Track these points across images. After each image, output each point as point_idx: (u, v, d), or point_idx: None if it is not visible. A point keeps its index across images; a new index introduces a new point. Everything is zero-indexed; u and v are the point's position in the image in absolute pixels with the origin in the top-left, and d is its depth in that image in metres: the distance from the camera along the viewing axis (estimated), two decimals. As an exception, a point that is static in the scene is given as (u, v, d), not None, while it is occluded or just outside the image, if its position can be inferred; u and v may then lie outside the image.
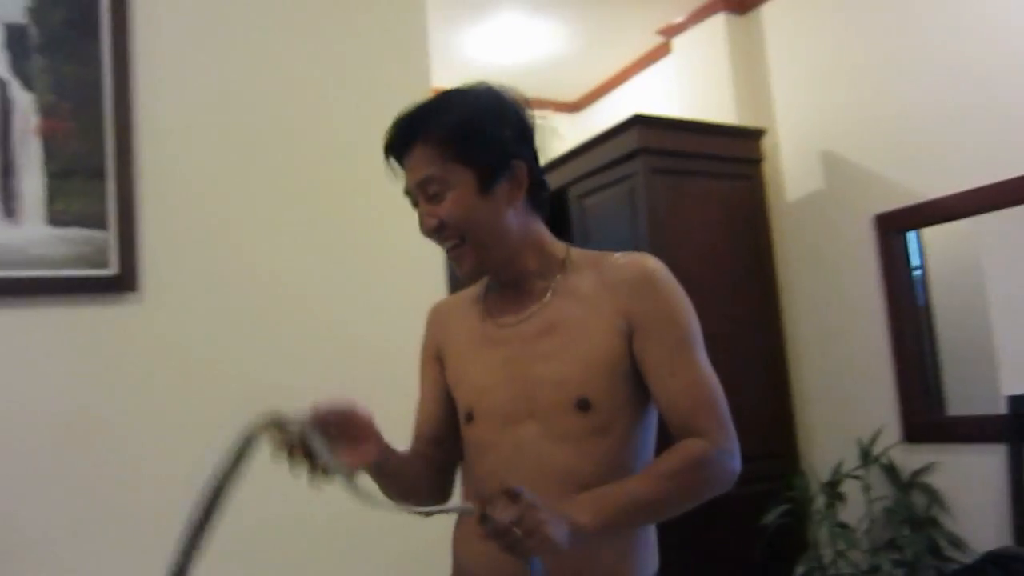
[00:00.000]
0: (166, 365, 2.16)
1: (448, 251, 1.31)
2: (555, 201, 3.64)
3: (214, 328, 2.23)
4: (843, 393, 3.22)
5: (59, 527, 1.97)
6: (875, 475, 2.92)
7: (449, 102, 1.29)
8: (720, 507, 2.88)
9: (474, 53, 3.96)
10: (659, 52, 4.06)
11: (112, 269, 2.13)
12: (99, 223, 2.14)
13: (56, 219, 2.09)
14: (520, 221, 1.31)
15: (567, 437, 1.25)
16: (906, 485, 2.85)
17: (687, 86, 3.81)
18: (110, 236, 2.13)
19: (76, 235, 2.11)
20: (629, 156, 3.16)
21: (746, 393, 3.15)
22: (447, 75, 4.05)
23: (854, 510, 2.92)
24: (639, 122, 3.16)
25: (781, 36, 3.51)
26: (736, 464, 1.25)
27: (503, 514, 1.04)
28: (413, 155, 1.28)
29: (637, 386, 1.27)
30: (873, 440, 2.90)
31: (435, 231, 1.29)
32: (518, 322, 1.32)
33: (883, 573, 2.74)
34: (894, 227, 3.01)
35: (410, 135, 1.28)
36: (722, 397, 1.26)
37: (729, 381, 1.29)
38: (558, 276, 1.33)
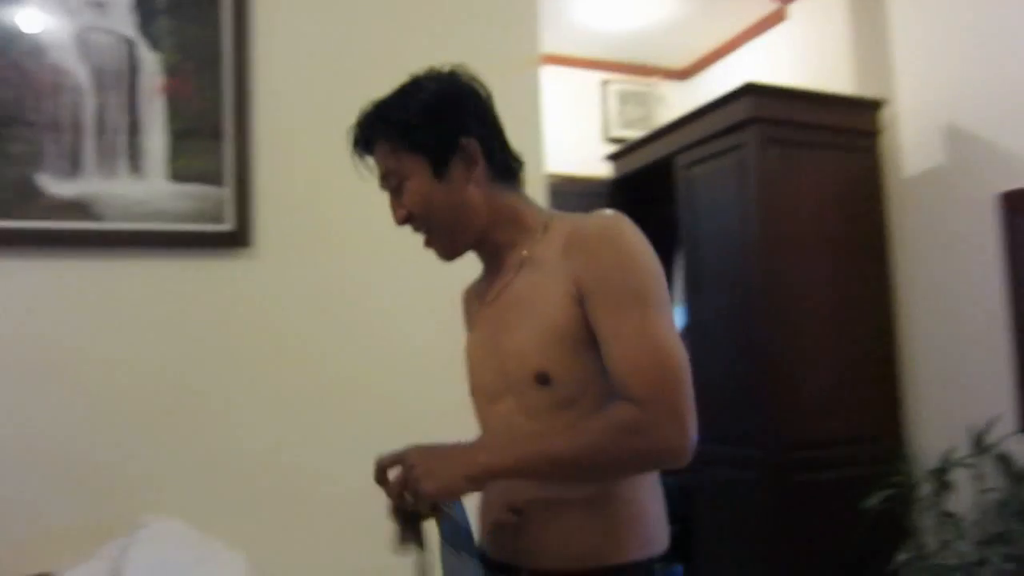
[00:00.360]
0: (277, 318, 2.26)
1: (424, 241, 1.34)
2: (660, 170, 3.63)
3: (323, 283, 2.32)
4: (956, 378, 3.09)
5: (171, 470, 2.09)
6: (987, 465, 2.80)
7: (395, 95, 1.32)
8: (820, 488, 2.88)
9: (584, 19, 3.91)
10: (773, 19, 3.92)
11: (228, 224, 2.23)
12: (216, 180, 2.22)
13: (177, 175, 2.19)
14: (485, 196, 1.30)
15: (536, 412, 1.23)
16: (1020, 477, 2.73)
17: (802, 54, 3.68)
18: (226, 193, 2.22)
19: (195, 191, 2.21)
20: (740, 125, 3.08)
21: (852, 373, 3.07)
22: (557, 42, 4.05)
23: (961, 499, 2.82)
24: (752, 91, 3.07)
25: (905, 1, 3.35)
26: (682, 440, 1.12)
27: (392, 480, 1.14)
28: (375, 153, 1.32)
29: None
30: (988, 428, 2.78)
31: (405, 222, 1.32)
32: (495, 298, 1.33)
33: (991, 567, 2.63)
34: (1020, 206, 2.86)
35: (367, 134, 1.32)
36: (672, 365, 1.14)
37: (834, 360, 1.23)
38: (532, 247, 1.29)
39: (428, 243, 1.34)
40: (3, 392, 1.99)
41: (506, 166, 1.33)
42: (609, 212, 1.24)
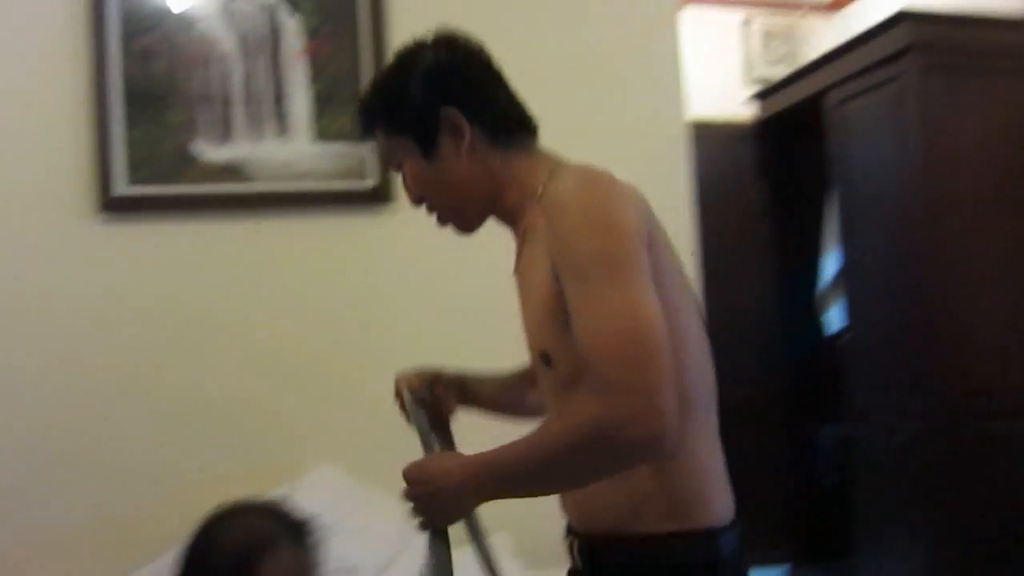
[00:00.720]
0: (419, 271, 2.33)
1: (436, 219, 1.30)
2: (809, 108, 3.45)
3: (463, 239, 2.32)
4: None
5: (331, 420, 2.19)
6: None
7: (378, 80, 1.29)
8: (993, 439, 2.69)
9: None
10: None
11: (370, 181, 2.29)
12: (359, 138, 2.28)
13: (321, 135, 2.28)
14: (483, 165, 1.21)
15: (549, 393, 1.18)
16: None
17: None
18: (368, 150, 2.28)
19: (338, 150, 2.29)
20: (897, 55, 2.87)
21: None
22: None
23: None
24: (909, 17, 2.85)
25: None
26: (653, 428, 0.95)
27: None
28: (376, 139, 1.29)
29: None
30: None
31: (419, 203, 1.28)
32: (515, 270, 1.26)
33: None
34: None
35: (363, 122, 1.29)
36: (628, 339, 0.97)
37: (1007, 304, 1.10)
38: (531, 214, 1.17)
39: (440, 221, 1.29)
40: (175, 351, 2.14)
41: (505, 125, 1.22)
42: (575, 169, 1.12)
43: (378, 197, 2.28)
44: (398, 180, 2.27)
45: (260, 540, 1.20)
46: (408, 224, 2.27)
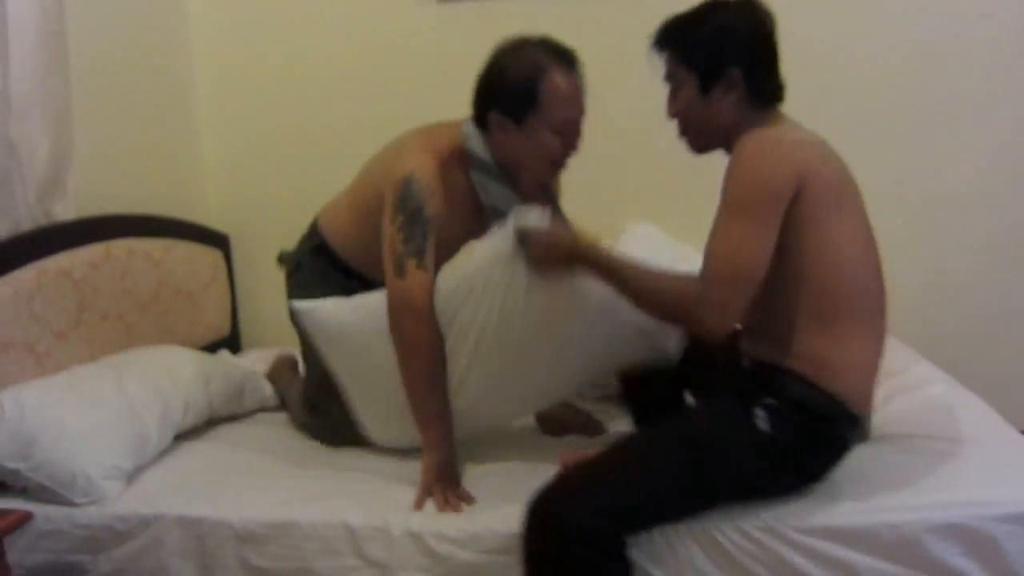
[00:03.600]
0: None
1: (679, 132, 1.67)
2: None
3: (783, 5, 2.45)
4: None
5: (651, 183, 2.02)
6: None
7: (689, 17, 1.61)
8: None
9: None
10: None
11: None
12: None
13: None
14: (736, 117, 1.58)
15: None
16: None
17: None
18: None
19: None
20: None
21: None
22: None
23: None
24: None
25: None
26: (707, 312, 1.45)
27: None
28: (664, 56, 1.64)
29: None
30: None
31: (672, 118, 1.66)
32: None
33: None
34: None
35: (660, 41, 1.63)
36: (729, 264, 1.44)
37: None
38: None
39: (681, 134, 1.66)
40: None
41: (766, 93, 1.59)
42: (757, 132, 1.51)
43: None
44: None
45: (539, 63, 1.75)
46: None
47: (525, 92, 1.75)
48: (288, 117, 2.92)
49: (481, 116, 1.84)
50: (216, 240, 2.90)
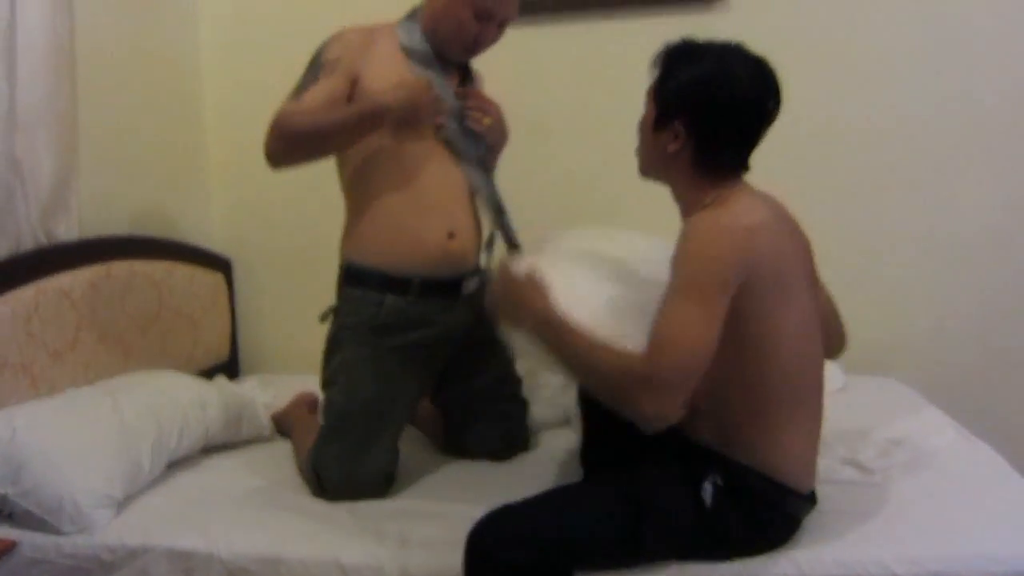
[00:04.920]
0: None
1: None
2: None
3: (795, 33, 2.56)
4: None
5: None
6: None
7: (689, 55, 1.53)
8: None
9: None
10: None
11: None
12: None
13: None
14: (679, 168, 1.54)
15: None
16: None
17: None
18: None
19: None
20: None
21: None
22: None
23: None
24: None
25: None
26: (649, 396, 1.38)
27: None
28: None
29: None
30: None
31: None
32: None
33: None
34: None
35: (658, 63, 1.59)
36: (678, 343, 1.38)
37: None
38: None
39: (636, 151, 1.62)
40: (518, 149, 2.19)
41: (712, 164, 1.51)
42: (714, 213, 1.47)
43: None
44: None
45: None
46: (740, 22, 2.52)
47: None
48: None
49: None
50: (218, 264, 2.88)
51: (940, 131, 2.58)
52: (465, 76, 2.07)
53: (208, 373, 2.67)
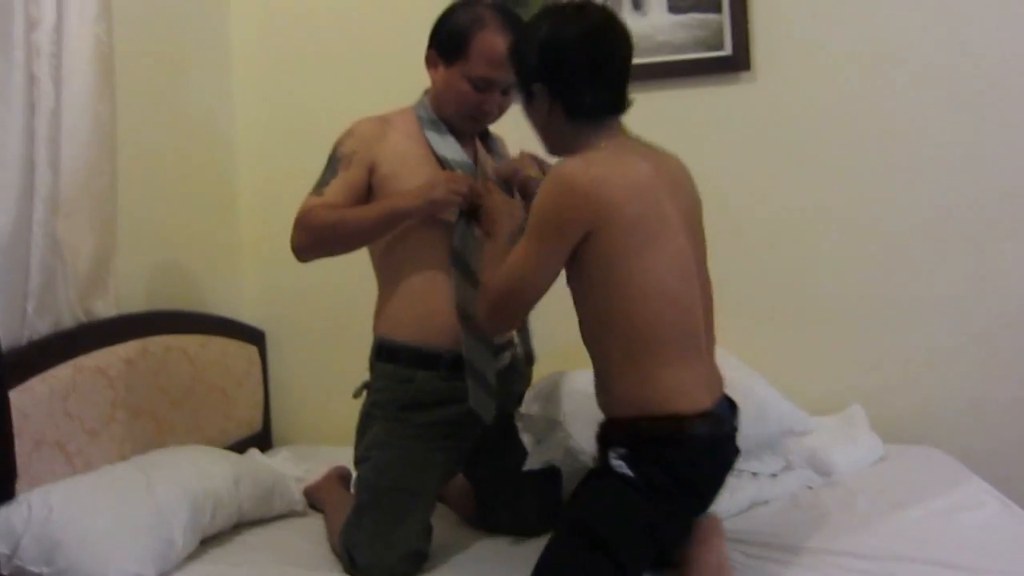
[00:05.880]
0: (777, 138, 2.58)
1: None
2: None
3: (821, 103, 2.57)
4: None
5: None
6: None
7: (522, 31, 1.78)
8: None
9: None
10: None
11: (726, 50, 2.51)
12: (714, 7, 2.51)
13: (675, 7, 2.53)
14: (556, 125, 1.67)
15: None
16: None
17: None
18: (724, 20, 2.50)
19: (693, 20, 2.52)
20: None
21: None
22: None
23: None
24: None
25: None
26: (480, 315, 1.70)
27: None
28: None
29: None
30: None
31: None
32: None
33: None
34: None
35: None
36: (507, 276, 1.59)
37: None
38: None
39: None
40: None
41: (583, 108, 1.62)
42: (571, 158, 1.59)
43: (735, 65, 2.49)
44: (755, 47, 2.54)
45: (482, 18, 1.87)
46: (766, 91, 2.57)
47: (459, 38, 1.89)
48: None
49: (427, 53, 1.98)
50: (251, 335, 2.91)
51: (974, 196, 2.54)
52: (485, 140, 2.12)
53: (240, 445, 2.68)
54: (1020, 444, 2.54)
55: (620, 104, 1.65)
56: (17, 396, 1.88)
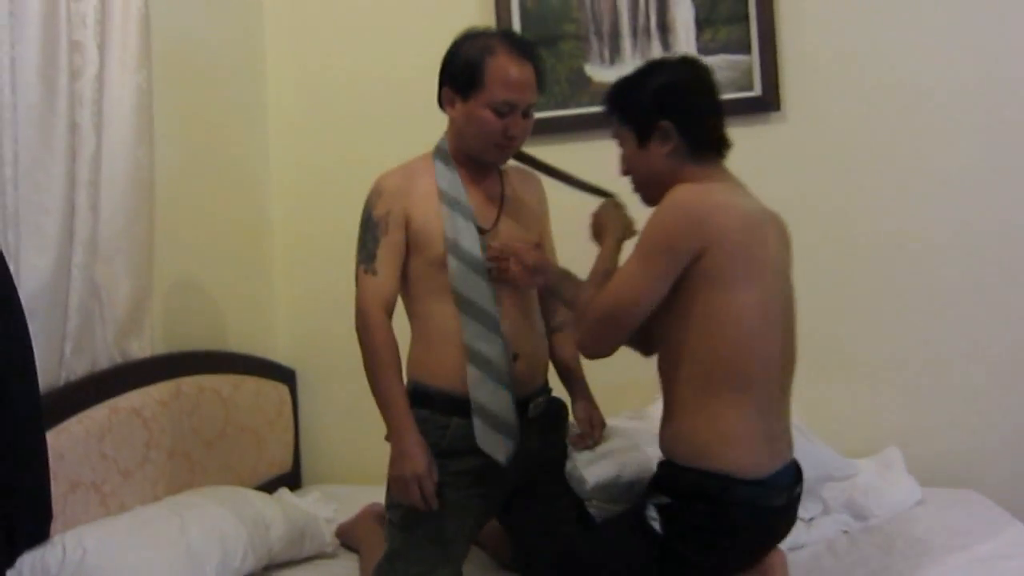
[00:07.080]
0: (807, 179, 2.57)
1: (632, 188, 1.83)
2: None
3: (852, 142, 2.57)
4: None
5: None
6: None
7: (627, 80, 1.80)
8: None
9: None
10: None
11: (756, 91, 2.53)
12: (743, 49, 2.52)
13: (705, 49, 2.54)
14: (673, 168, 1.69)
15: None
16: None
17: None
18: (753, 61, 2.52)
19: (723, 62, 2.54)
20: None
21: None
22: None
23: None
24: None
25: None
26: (579, 334, 1.71)
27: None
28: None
29: None
30: None
31: (624, 175, 1.81)
32: None
33: None
34: None
35: (606, 106, 1.82)
36: (612, 296, 1.62)
37: None
38: None
39: (635, 190, 1.79)
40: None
41: (702, 144, 1.70)
42: (681, 187, 1.62)
43: (765, 106, 2.50)
44: (784, 87, 2.57)
45: (490, 46, 1.86)
46: (797, 131, 2.58)
47: (472, 69, 1.87)
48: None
49: (439, 95, 1.96)
50: (283, 375, 2.93)
51: (1011, 233, 2.52)
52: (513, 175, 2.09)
53: (271, 484, 2.69)
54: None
55: (728, 143, 1.73)
56: (54, 437, 1.90)
